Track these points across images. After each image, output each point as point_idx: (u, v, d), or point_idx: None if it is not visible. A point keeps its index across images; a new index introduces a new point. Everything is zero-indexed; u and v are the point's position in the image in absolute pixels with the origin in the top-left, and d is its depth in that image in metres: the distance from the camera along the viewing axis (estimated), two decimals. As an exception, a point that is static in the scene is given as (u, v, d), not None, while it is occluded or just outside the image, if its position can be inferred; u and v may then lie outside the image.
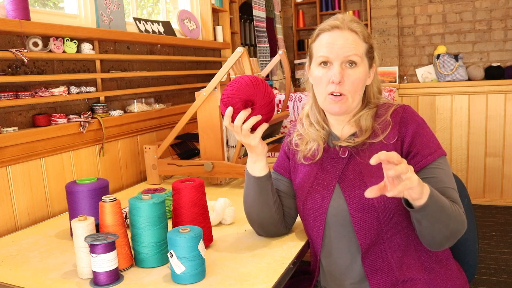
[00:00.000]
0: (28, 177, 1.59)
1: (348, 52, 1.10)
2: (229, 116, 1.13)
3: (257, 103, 1.13)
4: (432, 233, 1.03)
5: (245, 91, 1.12)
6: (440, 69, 4.05)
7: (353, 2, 4.49)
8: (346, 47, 1.10)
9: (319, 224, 1.16)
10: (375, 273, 1.11)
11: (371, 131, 1.14)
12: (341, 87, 1.11)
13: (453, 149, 4.05)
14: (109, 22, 2.05)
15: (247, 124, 1.12)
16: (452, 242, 1.08)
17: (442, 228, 1.02)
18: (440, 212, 0.99)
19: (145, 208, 1.11)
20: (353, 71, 1.11)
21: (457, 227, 1.04)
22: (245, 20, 3.70)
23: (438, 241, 1.05)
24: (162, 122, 2.29)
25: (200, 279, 1.04)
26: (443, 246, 1.08)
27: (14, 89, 1.57)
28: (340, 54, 1.10)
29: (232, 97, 1.12)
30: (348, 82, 1.11)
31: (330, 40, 1.11)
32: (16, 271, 1.15)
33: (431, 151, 1.09)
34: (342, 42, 1.10)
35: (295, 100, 2.70)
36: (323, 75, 1.12)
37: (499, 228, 3.42)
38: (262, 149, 1.17)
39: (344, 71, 1.10)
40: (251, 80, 1.14)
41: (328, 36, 1.12)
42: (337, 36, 1.11)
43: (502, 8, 3.93)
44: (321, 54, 1.12)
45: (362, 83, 1.14)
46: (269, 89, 1.16)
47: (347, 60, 1.10)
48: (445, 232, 1.03)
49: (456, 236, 1.06)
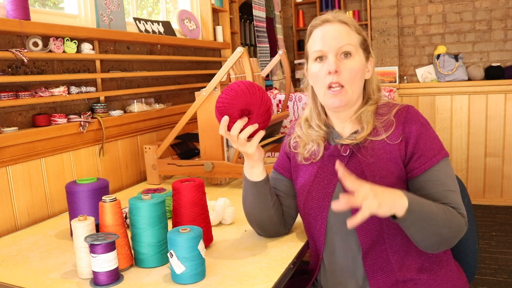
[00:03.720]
0: (28, 177, 1.59)
1: (341, 43, 1.10)
2: (225, 125, 1.11)
3: (254, 112, 1.11)
4: (421, 239, 1.04)
5: (242, 100, 1.10)
6: (440, 69, 4.05)
7: (353, 2, 4.49)
8: (338, 38, 1.11)
9: (321, 223, 1.16)
10: (376, 273, 1.11)
11: (373, 127, 1.14)
12: (338, 77, 1.10)
13: (453, 149, 4.05)
14: (109, 22, 2.05)
15: (243, 133, 1.11)
16: (447, 246, 1.08)
17: (430, 236, 1.02)
18: (425, 221, 0.99)
19: (145, 208, 1.11)
20: (348, 61, 1.11)
21: (450, 233, 1.04)
22: (245, 20, 3.70)
23: (429, 246, 1.06)
24: (162, 122, 2.29)
25: (200, 279, 1.04)
26: (438, 250, 1.09)
27: (14, 89, 1.57)
28: (333, 45, 1.10)
29: (228, 106, 1.10)
30: (346, 72, 1.11)
31: (322, 34, 1.13)
32: (16, 271, 1.15)
33: (435, 153, 1.09)
34: (333, 34, 1.11)
35: (295, 100, 2.70)
36: (320, 69, 1.13)
37: (499, 228, 3.42)
38: (259, 155, 1.17)
39: (340, 62, 1.11)
40: (247, 88, 1.11)
41: (319, 30, 1.14)
42: (328, 29, 1.12)
43: (502, 8, 3.93)
44: (315, 49, 1.13)
45: (360, 73, 1.13)
46: (266, 96, 1.14)
47: (341, 51, 1.11)
48: (434, 238, 1.03)
49: (451, 241, 1.07)
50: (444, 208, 1.04)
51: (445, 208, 1.04)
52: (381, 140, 1.12)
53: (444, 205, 1.05)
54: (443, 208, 1.04)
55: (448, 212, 1.04)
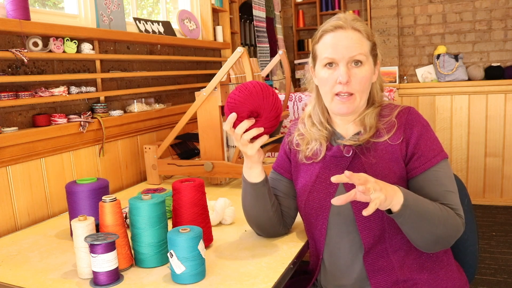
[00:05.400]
0: (28, 177, 1.59)
1: (353, 52, 1.09)
2: (231, 122, 1.11)
3: (263, 115, 1.11)
4: (416, 237, 1.05)
5: (254, 101, 1.09)
6: (440, 69, 4.05)
7: (353, 2, 4.49)
8: (351, 47, 1.09)
9: (322, 223, 1.16)
10: (376, 273, 1.11)
11: (375, 129, 1.14)
12: (348, 87, 1.10)
13: (453, 149, 4.05)
14: (109, 22, 2.05)
15: (247, 134, 1.11)
16: (444, 245, 1.08)
17: (426, 234, 1.03)
18: (419, 218, 1.00)
19: (145, 208, 1.11)
20: (359, 70, 1.10)
21: (446, 232, 1.05)
22: (245, 20, 3.70)
23: (425, 245, 1.07)
24: (162, 122, 2.29)
25: (200, 279, 1.04)
26: (434, 249, 1.09)
27: (14, 89, 1.57)
28: (345, 55, 1.09)
29: (239, 104, 1.10)
30: (356, 82, 1.10)
31: (334, 41, 1.11)
32: (16, 271, 1.15)
33: (434, 154, 1.10)
34: (346, 42, 1.10)
35: (295, 100, 2.70)
36: (329, 76, 1.12)
37: (499, 228, 3.42)
38: (258, 157, 1.16)
39: (350, 70, 1.10)
40: (262, 90, 1.10)
41: (331, 36, 1.11)
42: (341, 36, 1.10)
43: (502, 8, 3.93)
44: (326, 55, 1.12)
45: (369, 81, 1.14)
46: (278, 102, 1.13)
47: (352, 60, 1.10)
48: (429, 237, 1.04)
49: (448, 241, 1.07)
50: (441, 207, 1.05)
51: (442, 207, 1.05)
52: (383, 141, 1.12)
53: (441, 205, 1.06)
54: (439, 207, 1.04)
55: (444, 212, 1.04)
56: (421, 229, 1.02)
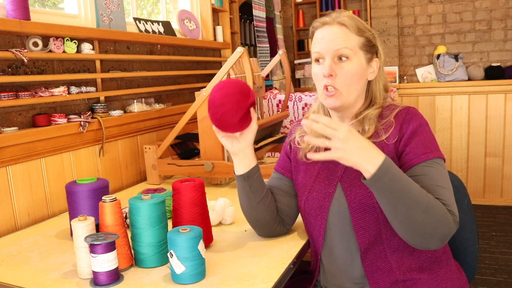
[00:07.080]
0: (28, 177, 1.59)
1: (337, 46, 1.11)
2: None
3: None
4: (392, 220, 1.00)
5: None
6: (440, 69, 4.05)
7: (353, 2, 4.49)
8: (334, 41, 1.12)
9: (321, 223, 1.16)
10: (375, 273, 1.11)
11: (374, 131, 1.14)
12: (333, 80, 1.11)
13: (453, 149, 4.05)
14: (109, 22, 2.05)
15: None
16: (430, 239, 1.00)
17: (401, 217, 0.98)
18: (394, 197, 0.96)
19: (145, 208, 1.11)
20: (345, 64, 1.12)
21: (428, 222, 0.97)
22: (245, 20, 3.70)
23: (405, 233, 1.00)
24: (162, 122, 2.29)
25: (200, 279, 1.04)
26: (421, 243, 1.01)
27: (14, 89, 1.57)
28: (329, 49, 1.12)
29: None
30: (341, 76, 1.11)
31: (320, 36, 1.14)
32: (16, 271, 1.15)
33: (425, 151, 1.06)
34: (330, 37, 1.12)
35: (295, 100, 2.70)
36: (319, 71, 1.15)
37: (499, 228, 3.42)
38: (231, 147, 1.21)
39: (336, 65, 1.12)
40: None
41: (319, 32, 1.16)
42: (326, 31, 1.14)
43: (502, 8, 3.93)
44: (314, 50, 1.16)
45: (357, 76, 1.13)
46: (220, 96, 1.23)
47: (337, 54, 1.12)
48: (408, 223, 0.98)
49: (432, 234, 0.99)
50: (429, 195, 0.99)
51: (430, 196, 0.99)
52: (381, 141, 1.12)
53: (431, 195, 1.00)
54: (426, 194, 0.99)
55: (431, 200, 0.98)
56: (396, 208, 0.97)
